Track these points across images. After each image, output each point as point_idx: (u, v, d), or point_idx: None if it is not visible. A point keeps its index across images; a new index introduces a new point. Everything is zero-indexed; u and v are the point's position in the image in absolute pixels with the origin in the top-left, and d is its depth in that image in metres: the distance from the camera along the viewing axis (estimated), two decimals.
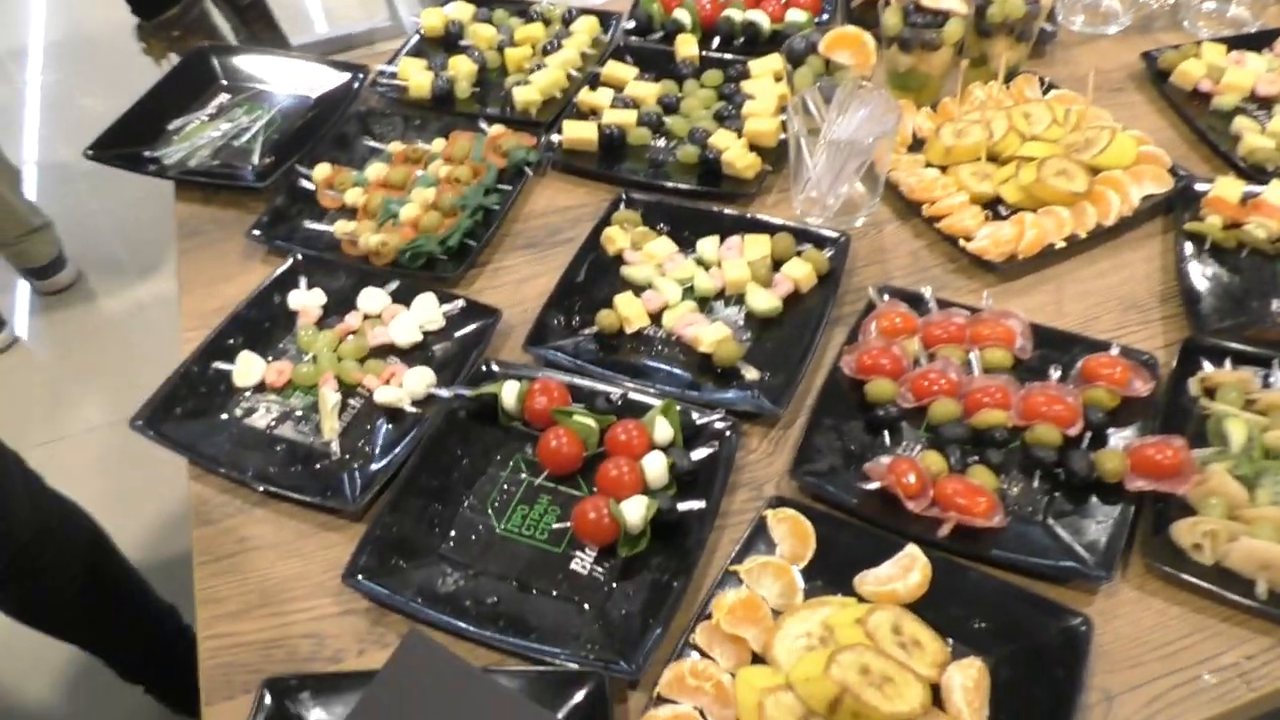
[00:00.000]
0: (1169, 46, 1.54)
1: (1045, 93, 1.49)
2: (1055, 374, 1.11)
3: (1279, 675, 0.90)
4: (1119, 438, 1.06)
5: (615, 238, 1.32)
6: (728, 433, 1.08)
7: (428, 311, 1.25)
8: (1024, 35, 1.49)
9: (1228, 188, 1.29)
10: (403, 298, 1.28)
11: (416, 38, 1.75)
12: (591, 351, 1.21)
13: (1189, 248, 1.25)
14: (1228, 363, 1.11)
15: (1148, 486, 0.98)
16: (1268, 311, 1.18)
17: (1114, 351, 1.11)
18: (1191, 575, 0.94)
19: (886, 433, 1.09)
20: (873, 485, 1.01)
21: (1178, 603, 0.95)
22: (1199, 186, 1.31)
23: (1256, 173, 1.34)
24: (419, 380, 1.16)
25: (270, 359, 1.23)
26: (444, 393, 1.14)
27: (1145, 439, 1.01)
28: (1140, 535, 0.98)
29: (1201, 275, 1.22)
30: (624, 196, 1.39)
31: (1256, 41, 1.54)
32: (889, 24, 1.46)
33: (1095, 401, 1.07)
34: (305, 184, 1.46)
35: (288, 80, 1.69)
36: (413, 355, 1.23)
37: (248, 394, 1.20)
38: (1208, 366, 1.11)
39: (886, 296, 1.22)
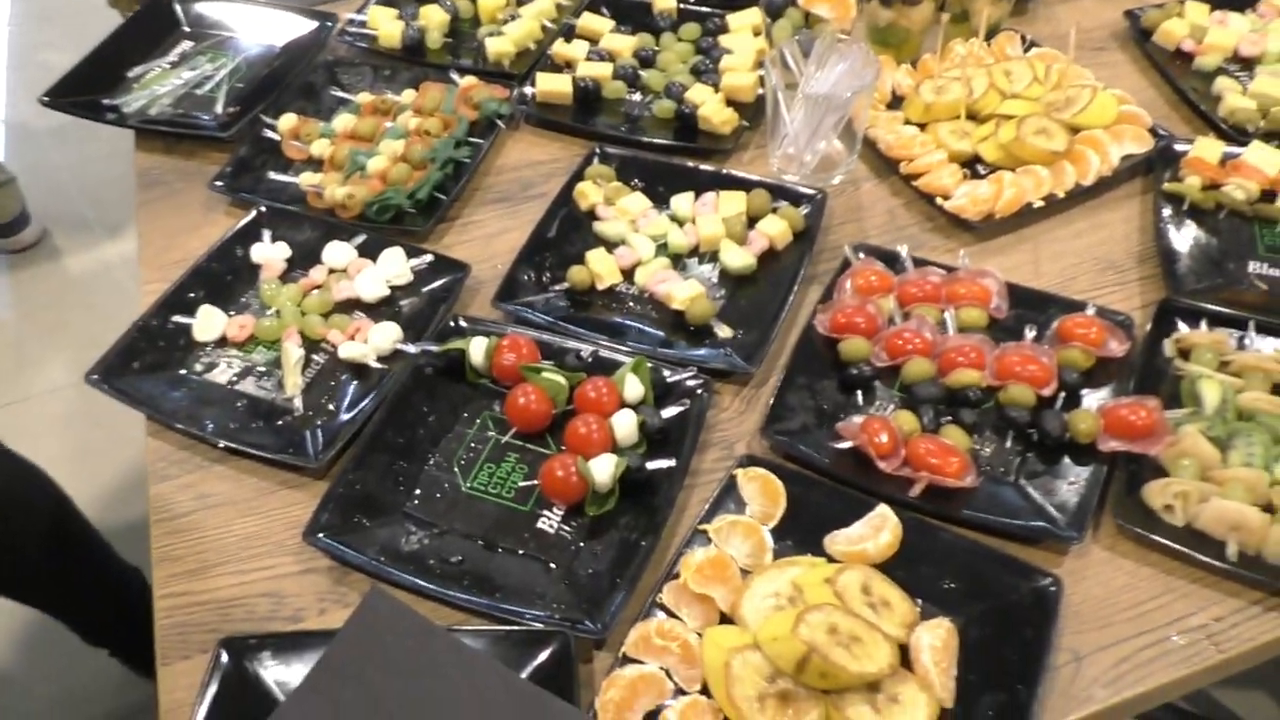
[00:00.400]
0: (1152, 5, 1.52)
1: (1026, 50, 1.47)
2: (1030, 334, 1.10)
3: (1247, 637, 0.89)
4: (1093, 398, 1.05)
5: (588, 193, 1.29)
6: (699, 391, 1.06)
7: (395, 266, 1.22)
8: None
9: (1207, 148, 1.28)
10: (369, 252, 1.25)
11: None
12: (562, 308, 1.18)
13: (1167, 209, 1.24)
14: (1203, 324, 1.10)
15: (1120, 447, 0.98)
16: (1244, 274, 1.17)
17: (1090, 312, 1.10)
18: (1162, 536, 0.93)
19: (860, 392, 1.07)
20: (845, 444, 1.00)
21: (1148, 564, 0.94)
22: (1179, 147, 1.30)
23: (1237, 134, 1.32)
24: (385, 336, 1.14)
25: (232, 313, 1.20)
26: (411, 348, 1.12)
27: (1119, 400, 1.01)
28: (1112, 496, 0.97)
29: (1179, 236, 1.21)
30: (598, 151, 1.35)
31: (1240, 2, 1.52)
32: None
33: (1070, 362, 1.06)
34: (270, 134, 1.42)
35: (253, 28, 1.64)
36: (379, 311, 1.20)
37: (208, 349, 1.17)
38: (1183, 328, 1.10)
39: (862, 255, 1.20)
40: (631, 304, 1.19)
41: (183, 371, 1.14)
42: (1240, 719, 1.87)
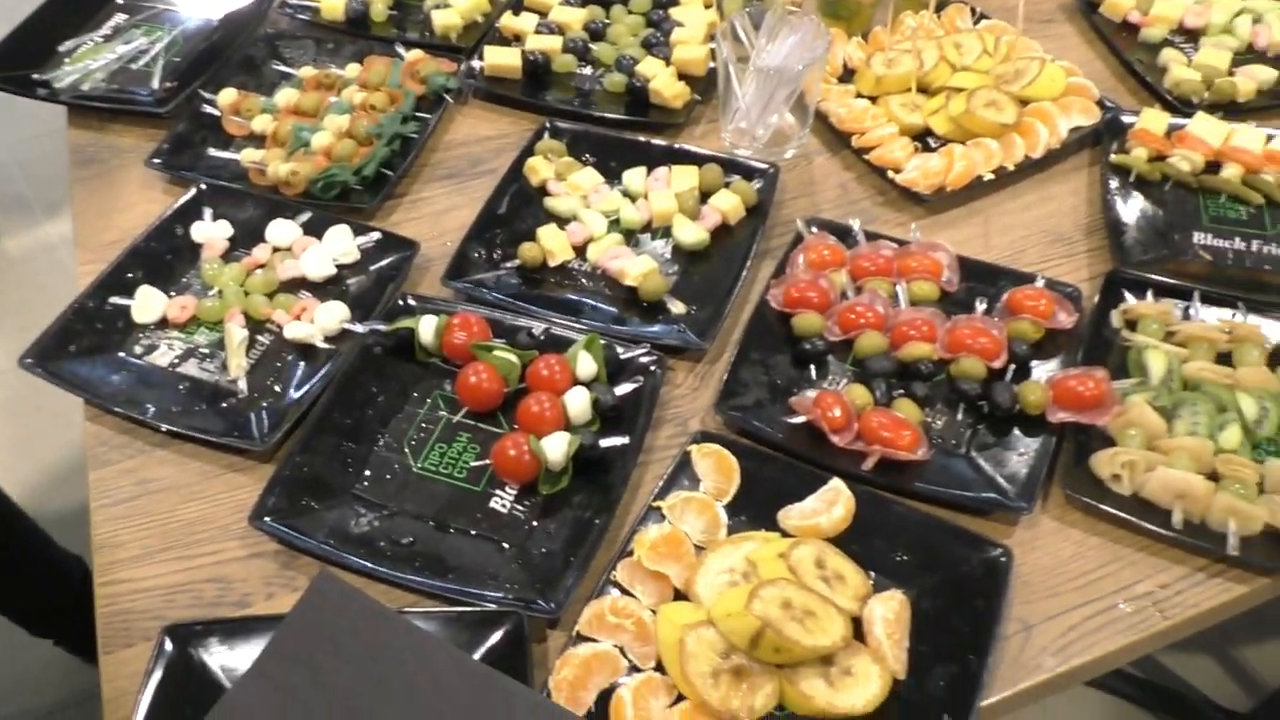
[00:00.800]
0: None
1: (976, 22, 1.47)
2: (981, 306, 1.10)
3: (1193, 604, 0.91)
4: (1043, 370, 1.05)
5: (538, 168, 1.27)
6: (653, 368, 1.05)
7: (341, 244, 1.20)
8: None
9: (1153, 120, 1.29)
10: (315, 230, 1.22)
11: None
12: (513, 285, 1.17)
13: (1114, 181, 1.25)
14: (1150, 295, 1.11)
15: (1069, 418, 0.99)
16: (1189, 244, 1.19)
17: (1039, 284, 1.11)
18: (1110, 506, 0.94)
19: (813, 366, 1.07)
20: (798, 419, 1.00)
21: (1096, 533, 0.95)
22: (1126, 119, 1.31)
23: (1182, 105, 1.33)
24: (332, 315, 1.11)
25: (173, 294, 1.17)
26: (359, 328, 1.10)
27: (1067, 371, 1.01)
28: (1061, 466, 0.98)
29: (1126, 208, 1.22)
30: (548, 126, 1.34)
31: None
32: None
33: (1020, 334, 1.06)
34: (210, 110, 1.38)
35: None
36: (325, 289, 1.17)
37: (149, 330, 1.14)
38: (1130, 299, 1.11)
39: (814, 229, 1.19)
40: (584, 280, 1.18)
41: (122, 354, 1.11)
42: (1188, 683, 1.92)
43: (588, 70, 1.45)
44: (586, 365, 1.04)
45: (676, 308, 1.13)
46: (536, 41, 1.45)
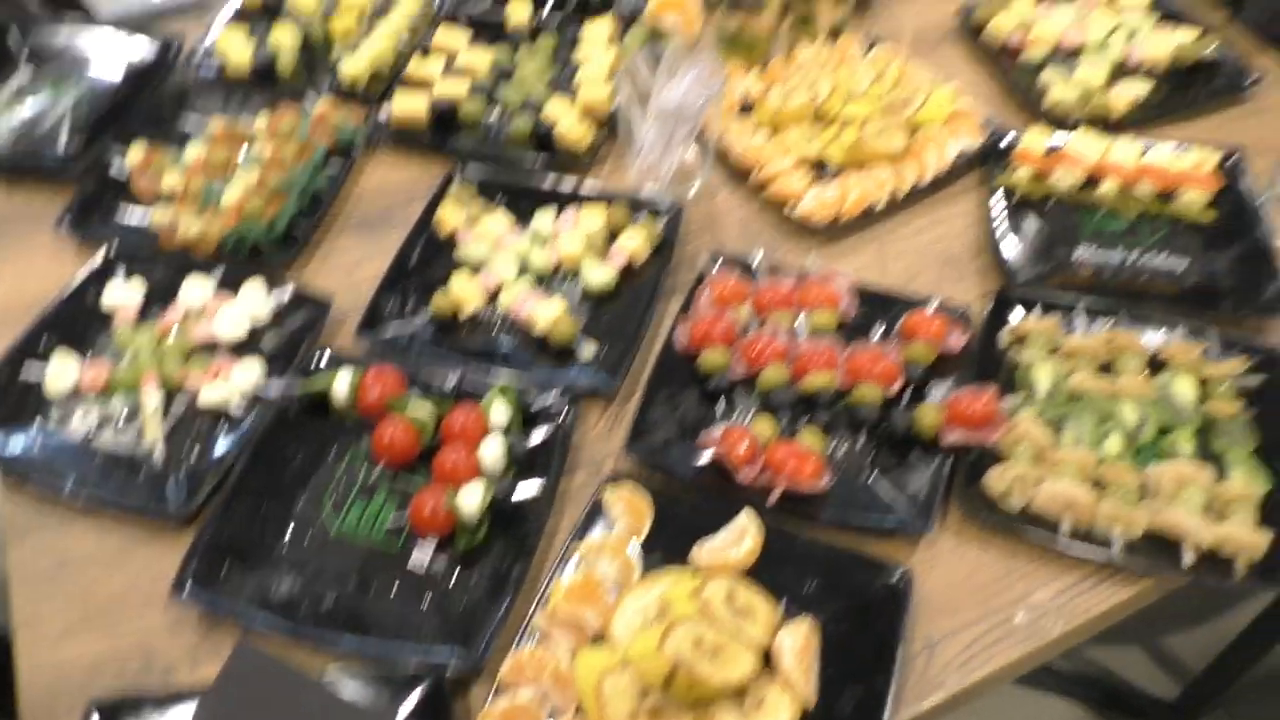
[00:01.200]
0: (982, 1, 1.59)
1: (869, 50, 1.52)
2: (878, 332, 1.15)
3: (1086, 608, 0.96)
4: (938, 391, 1.10)
5: (448, 217, 1.29)
6: (565, 412, 1.08)
7: (255, 302, 1.21)
8: None
9: (1035, 139, 1.35)
10: (228, 288, 1.23)
11: (235, 7, 1.66)
12: (427, 335, 1.19)
13: (1000, 201, 1.30)
14: (1037, 311, 1.17)
15: (963, 438, 1.03)
16: (1072, 259, 1.25)
17: (932, 308, 1.16)
18: (1003, 520, 1.00)
19: (721, 401, 1.11)
20: (707, 455, 1.03)
21: (993, 548, 1.00)
22: (1009, 140, 1.37)
23: (1062, 123, 1.40)
24: (247, 376, 1.13)
25: (86, 360, 1.17)
26: (274, 388, 1.11)
27: (959, 391, 1.06)
28: (957, 485, 1.03)
29: (1011, 227, 1.28)
30: (458, 172, 1.36)
31: None
32: None
33: (914, 358, 1.11)
34: (118, 169, 1.38)
35: (96, 55, 1.59)
36: (240, 349, 1.18)
37: (63, 399, 1.14)
38: (1018, 316, 1.16)
39: (718, 264, 1.23)
40: (497, 327, 1.21)
41: (36, 425, 1.11)
42: (1118, 675, 2.00)
43: (496, 113, 1.48)
44: (500, 414, 1.07)
45: (587, 350, 1.16)
46: (444, 87, 1.47)
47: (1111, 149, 1.33)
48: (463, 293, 1.21)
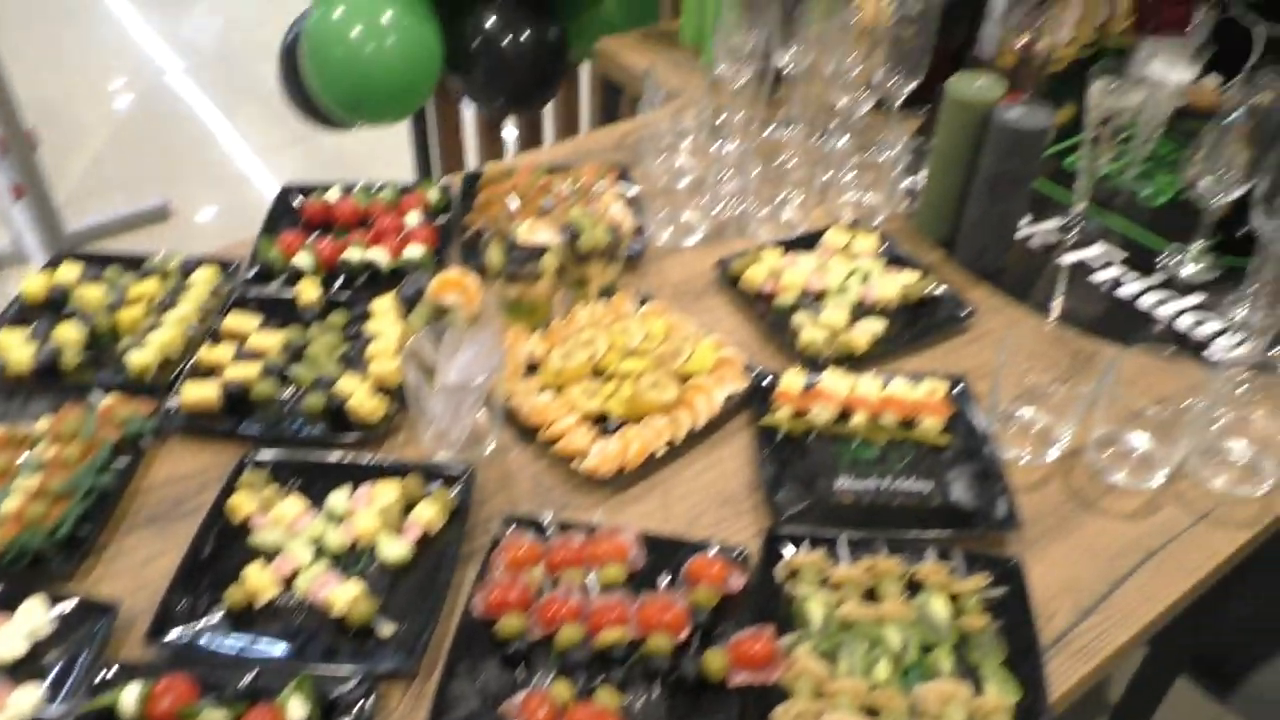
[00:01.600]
0: (738, 253, 1.78)
1: (641, 305, 1.67)
2: (665, 580, 1.23)
3: None
4: (725, 634, 1.17)
5: (239, 505, 1.31)
6: (364, 700, 1.08)
7: (35, 618, 1.17)
8: (614, 257, 1.67)
9: (792, 380, 1.50)
10: (7, 605, 1.19)
11: (14, 305, 1.67)
12: (222, 632, 1.18)
13: (765, 440, 1.43)
14: (805, 545, 1.27)
15: (748, 679, 1.10)
16: (833, 489, 1.37)
17: (713, 551, 1.25)
18: None
19: (522, 666, 1.14)
20: None
21: None
22: (769, 381, 1.51)
23: (814, 363, 1.56)
24: (26, 700, 1.08)
25: None
26: (54, 711, 1.07)
27: (739, 634, 1.14)
28: None
29: (777, 464, 1.40)
30: (249, 458, 1.38)
31: (806, 243, 1.81)
32: (492, 261, 1.59)
33: (699, 602, 1.18)
34: None
35: None
36: (19, 670, 1.14)
37: None
38: (789, 551, 1.26)
39: (511, 528, 1.29)
40: (295, 614, 1.21)
41: None
42: None
43: (289, 392, 1.52)
44: (298, 710, 1.06)
45: (386, 629, 1.18)
46: (234, 371, 1.51)
47: (858, 384, 1.49)
48: (257, 582, 1.21)
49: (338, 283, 1.73)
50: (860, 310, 1.68)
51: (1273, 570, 1.51)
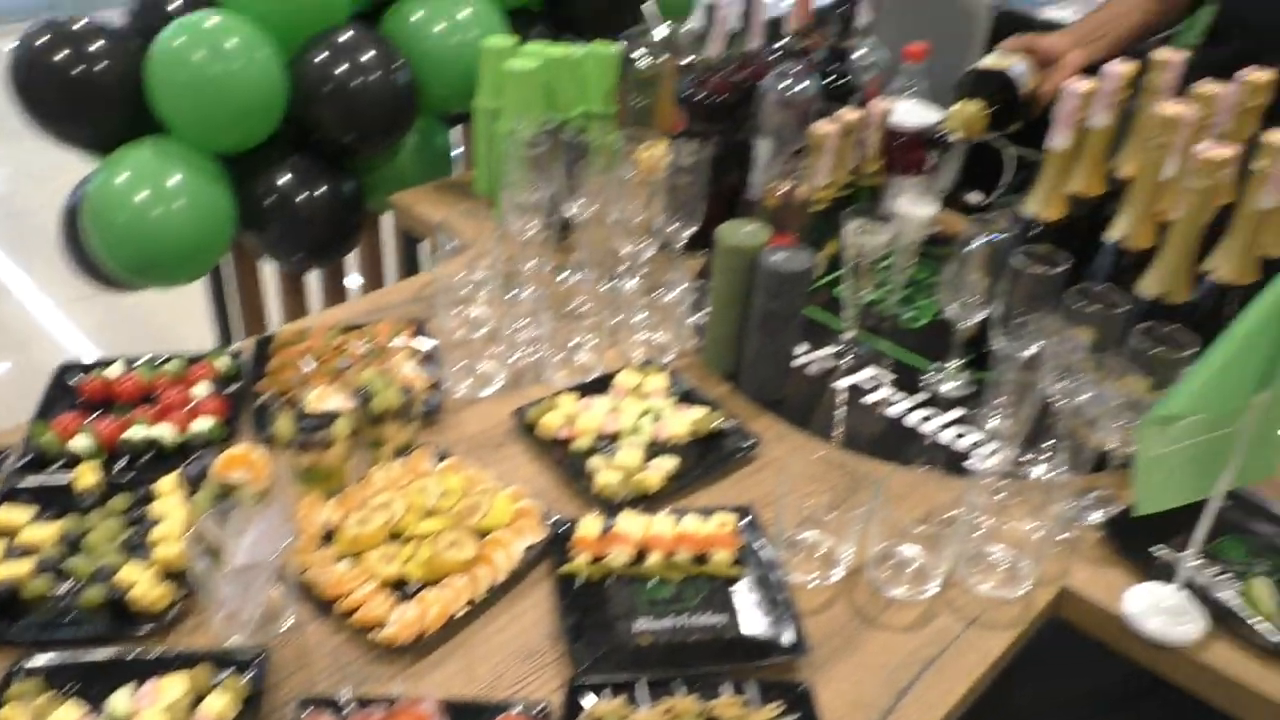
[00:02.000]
0: (534, 401, 1.83)
1: (440, 461, 1.68)
2: None
3: None
4: None
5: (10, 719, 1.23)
6: None
7: None
8: (409, 417, 1.69)
9: (589, 525, 1.54)
10: None
11: None
12: None
13: (564, 588, 1.46)
14: (607, 693, 1.30)
15: None
16: (632, 632, 1.41)
17: (515, 710, 1.25)
18: None
19: None
20: None
21: None
22: (567, 528, 1.55)
23: (610, 505, 1.61)
24: None
25: None
26: None
27: None
28: None
29: (577, 611, 1.43)
30: (20, 665, 1.30)
31: (600, 386, 1.88)
32: (281, 432, 1.58)
33: None
34: None
35: None
36: None
37: None
38: (590, 701, 1.28)
39: (309, 710, 1.26)
40: None
41: None
42: None
43: (66, 587, 1.45)
44: None
45: None
46: (4, 569, 1.43)
47: (653, 523, 1.55)
48: None
49: (120, 464, 1.67)
50: (653, 449, 1.75)
51: (1042, 662, 1.63)
